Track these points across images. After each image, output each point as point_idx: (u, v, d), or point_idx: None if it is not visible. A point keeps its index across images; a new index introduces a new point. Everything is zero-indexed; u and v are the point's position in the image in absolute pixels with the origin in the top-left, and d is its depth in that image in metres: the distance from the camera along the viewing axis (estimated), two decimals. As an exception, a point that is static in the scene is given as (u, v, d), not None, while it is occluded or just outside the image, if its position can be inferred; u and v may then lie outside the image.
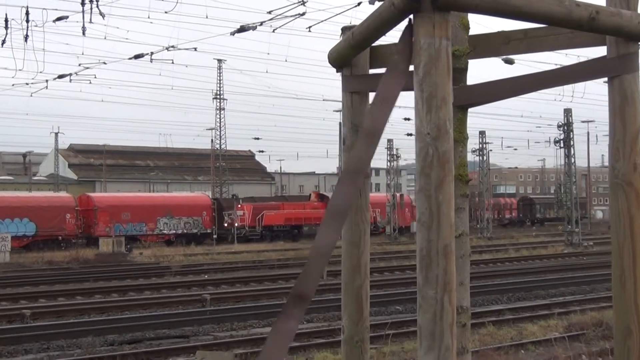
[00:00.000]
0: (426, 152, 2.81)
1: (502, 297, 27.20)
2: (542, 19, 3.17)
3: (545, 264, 40.80)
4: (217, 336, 20.50)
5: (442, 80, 2.82)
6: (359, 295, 3.98)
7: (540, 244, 55.68)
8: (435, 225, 2.76)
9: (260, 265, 42.49)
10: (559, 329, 20.04)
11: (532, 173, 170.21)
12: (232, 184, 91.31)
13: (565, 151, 57.17)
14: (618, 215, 3.56)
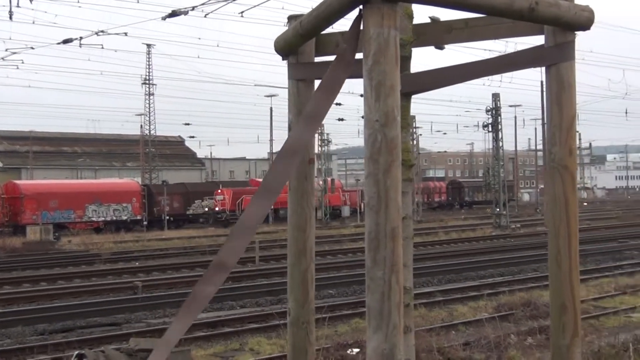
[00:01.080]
0: (375, 138, 2.89)
1: (433, 280, 27.55)
2: (484, 10, 3.28)
3: (474, 246, 41.47)
4: (150, 323, 20.39)
5: (391, 69, 2.91)
6: (305, 278, 4.07)
7: (469, 227, 56.48)
8: (384, 209, 2.86)
9: (191, 251, 42.27)
10: (488, 309, 20.43)
11: (461, 157, 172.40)
12: (161, 170, 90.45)
13: (493, 135, 58.00)
14: (554, 198, 3.70)
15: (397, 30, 2.94)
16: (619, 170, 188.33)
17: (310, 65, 4.14)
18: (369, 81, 2.91)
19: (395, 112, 2.92)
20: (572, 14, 3.58)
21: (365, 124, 2.93)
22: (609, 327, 17.64)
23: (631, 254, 34.41)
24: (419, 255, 36.27)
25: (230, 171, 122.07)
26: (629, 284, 24.24)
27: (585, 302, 21.41)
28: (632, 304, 20.82)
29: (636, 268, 28.98)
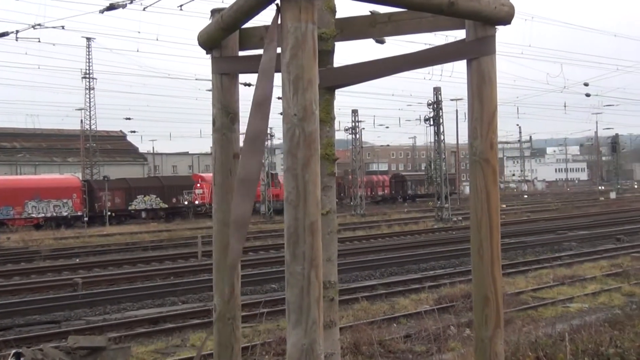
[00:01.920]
0: (293, 132, 2.88)
1: (376, 273, 27.69)
2: (404, 4, 3.29)
3: (416, 239, 41.72)
4: (89, 320, 20.15)
5: (309, 63, 2.90)
6: (231, 274, 4.04)
7: (412, 220, 56.87)
8: (302, 203, 2.85)
9: (133, 247, 41.89)
10: (429, 301, 20.60)
11: (404, 150, 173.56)
12: (103, 165, 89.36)
13: (434, 129, 58.46)
14: (476, 191, 3.73)
15: (315, 24, 2.93)
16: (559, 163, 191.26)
17: (234, 59, 4.11)
18: (287, 75, 2.90)
19: (313, 107, 2.91)
20: (492, 9, 3.61)
21: (284, 119, 2.92)
22: (547, 318, 17.92)
23: (570, 245, 34.98)
24: (362, 248, 36.48)
25: (173, 166, 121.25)
26: (567, 275, 24.65)
27: (524, 293, 21.74)
28: (569, 294, 21.18)
29: (574, 259, 29.50)
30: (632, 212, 59.60)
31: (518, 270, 26.96)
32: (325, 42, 3.85)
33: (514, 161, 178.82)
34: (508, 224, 49.41)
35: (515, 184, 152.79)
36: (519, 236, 39.81)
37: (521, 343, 12.77)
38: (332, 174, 3.97)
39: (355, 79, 4.13)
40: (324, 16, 3.89)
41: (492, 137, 3.72)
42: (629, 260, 27.66)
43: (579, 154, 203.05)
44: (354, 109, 74.97)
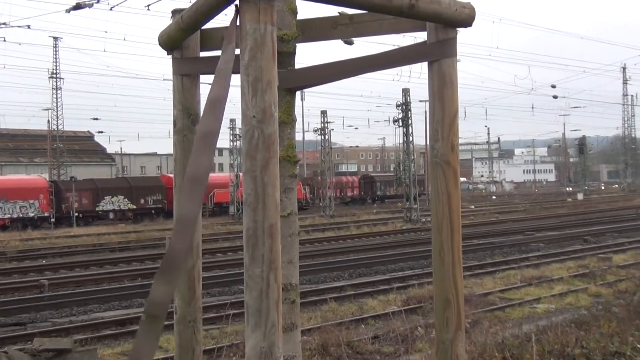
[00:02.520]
0: (252, 134, 2.87)
1: (344, 274, 27.70)
2: (364, 6, 3.28)
3: (385, 240, 41.78)
4: (55, 322, 19.98)
5: (268, 64, 2.88)
6: (192, 275, 4.01)
7: (381, 221, 56.95)
8: (261, 206, 2.84)
9: (100, 248, 41.59)
10: (398, 302, 20.64)
11: (373, 151, 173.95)
12: (70, 165, 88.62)
13: (403, 130, 58.58)
14: (437, 193, 3.73)
15: (275, 25, 2.92)
16: (527, 164, 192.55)
17: (194, 60, 4.08)
18: (246, 77, 2.88)
19: (272, 108, 2.89)
20: (453, 11, 3.61)
21: (242, 120, 2.90)
22: (514, 318, 18.02)
23: (537, 246, 35.22)
24: (331, 249, 36.46)
25: (142, 167, 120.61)
26: (534, 276, 24.81)
27: (492, 294, 21.86)
28: (536, 295, 21.31)
29: (542, 260, 29.69)
30: (599, 213, 60.17)
31: (486, 271, 27.10)
32: (286, 44, 3.84)
33: (482, 162, 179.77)
34: (477, 225, 49.65)
35: (483, 185, 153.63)
36: (487, 237, 40.02)
37: (488, 344, 12.84)
38: (293, 175, 3.96)
39: (316, 81, 4.12)
40: (285, 17, 3.88)
41: (453, 139, 3.73)
42: (596, 261, 27.90)
43: (546, 155, 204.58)
44: (323, 110, 75.10)
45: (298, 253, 3.94)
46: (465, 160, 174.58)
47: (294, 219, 3.90)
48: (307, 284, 25.44)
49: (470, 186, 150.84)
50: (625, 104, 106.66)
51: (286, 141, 3.86)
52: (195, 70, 4.07)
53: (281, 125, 3.80)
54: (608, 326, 13.22)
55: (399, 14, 3.45)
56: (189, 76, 4.08)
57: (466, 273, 26.11)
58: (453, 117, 3.72)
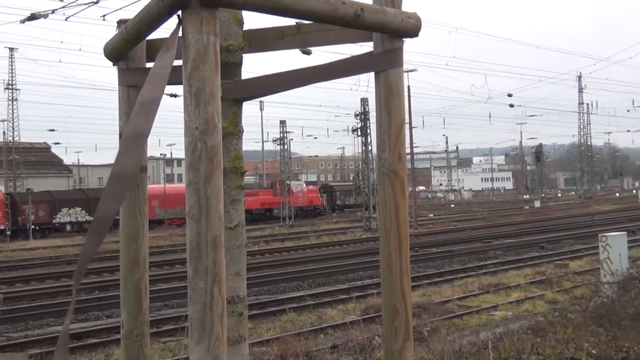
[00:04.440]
0: (195, 146, 2.84)
1: (304, 284, 27.66)
2: (309, 16, 3.27)
3: (345, 249, 41.79)
4: (10, 337, 19.67)
5: (210, 75, 2.86)
6: (138, 289, 3.96)
7: (341, 230, 57.00)
8: (205, 218, 2.80)
9: (57, 261, 41.08)
10: (357, 312, 20.64)
11: (332, 161, 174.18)
12: (26, 177, 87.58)
13: (362, 139, 58.80)
14: (385, 203, 3.72)
15: (218, 36, 2.89)
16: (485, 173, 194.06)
17: (140, 71, 4.03)
18: (188, 88, 2.85)
19: (215, 119, 2.87)
20: (399, 21, 3.61)
21: (185, 132, 2.87)
22: (471, 326, 18.08)
23: (495, 254, 35.45)
24: (291, 259, 36.40)
25: (99, 178, 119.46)
26: (492, 283, 24.95)
27: (450, 301, 21.94)
28: (494, 302, 21.43)
29: (499, 267, 29.89)
30: (556, 220, 60.76)
31: (445, 279, 27.22)
32: (232, 54, 3.82)
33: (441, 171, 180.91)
34: (435, 233, 49.90)
35: (442, 193, 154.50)
36: (446, 245, 40.23)
37: (446, 352, 12.87)
38: (240, 187, 3.92)
39: (263, 91, 4.10)
40: (231, 28, 3.85)
41: (401, 149, 3.73)
42: (552, 268, 28.14)
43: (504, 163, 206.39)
44: (282, 119, 75.13)
45: (246, 265, 3.90)
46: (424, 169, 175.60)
47: (241, 230, 3.87)
48: (266, 294, 25.37)
49: (429, 195, 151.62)
50: (580, 112, 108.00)
51: (233, 152, 3.83)
52: (141, 81, 4.00)
53: (228, 136, 3.77)
54: (564, 332, 13.32)
55: (345, 25, 3.45)
56: (135, 87, 4.02)
57: (425, 281, 26.24)
58: (400, 127, 3.72)
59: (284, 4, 3.05)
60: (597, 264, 21.39)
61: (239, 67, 3.91)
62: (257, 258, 37.79)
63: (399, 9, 3.69)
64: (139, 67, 4.05)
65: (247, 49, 3.95)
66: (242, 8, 3.13)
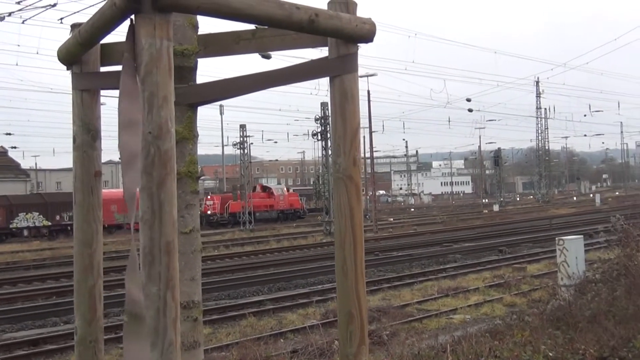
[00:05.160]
0: (148, 151, 2.82)
1: (264, 288, 27.62)
2: (263, 21, 3.27)
3: (305, 253, 41.79)
4: (-34, 343, 19.39)
5: (164, 80, 2.84)
6: (92, 295, 3.93)
7: (301, 235, 56.97)
8: (158, 223, 2.79)
9: (14, 266, 40.57)
10: (317, 316, 20.66)
11: (293, 165, 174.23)
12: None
13: (322, 143, 58.90)
14: (340, 208, 3.73)
15: (171, 40, 2.88)
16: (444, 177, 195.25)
17: (94, 75, 4.00)
18: (142, 92, 2.83)
19: (169, 124, 2.86)
20: (353, 27, 3.63)
21: (138, 137, 2.85)
22: (430, 329, 18.17)
23: (454, 257, 35.67)
24: (251, 264, 36.32)
25: (57, 182, 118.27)
26: (451, 287, 25.12)
27: (410, 305, 22.03)
28: (453, 305, 21.56)
29: (459, 271, 30.09)
30: (514, 224, 61.31)
31: (404, 282, 27.33)
32: (187, 59, 3.81)
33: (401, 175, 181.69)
34: (395, 237, 50.10)
35: (402, 197, 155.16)
36: (405, 249, 40.42)
37: (405, 355, 12.94)
38: (195, 192, 3.91)
39: (218, 96, 4.09)
40: (186, 32, 3.84)
41: (355, 154, 3.74)
42: (511, 271, 28.38)
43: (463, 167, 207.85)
44: (242, 124, 74.95)
45: (201, 270, 3.89)
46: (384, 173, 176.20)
47: (196, 235, 3.85)
48: (226, 299, 25.30)
49: (389, 199, 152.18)
50: (538, 117, 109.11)
51: (188, 157, 3.81)
52: (95, 85, 4.00)
53: (182, 141, 3.76)
54: (521, 335, 13.44)
55: (300, 30, 3.45)
56: (89, 91, 3.99)
57: (385, 285, 26.33)
58: (355, 132, 3.73)
59: (237, 8, 3.05)
60: (555, 267, 21.57)
61: (194, 71, 3.90)
62: (217, 263, 37.67)
63: (354, 15, 3.71)
64: (93, 71, 4.01)
65: (202, 53, 3.94)
66: (196, 13, 3.12)
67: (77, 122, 4.00)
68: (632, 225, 18.31)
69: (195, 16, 3.87)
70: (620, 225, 18.88)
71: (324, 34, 3.61)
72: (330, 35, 3.68)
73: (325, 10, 3.59)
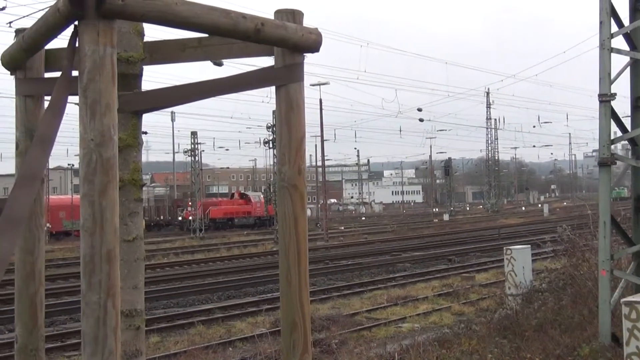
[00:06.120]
0: (90, 158, 2.80)
1: (213, 296, 27.47)
2: (210, 30, 3.27)
3: (255, 262, 41.64)
4: None
5: (107, 87, 2.83)
6: (34, 303, 3.88)
7: (252, 243, 56.79)
8: (99, 231, 2.77)
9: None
10: (266, 324, 20.61)
11: (244, 173, 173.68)
12: None
13: (274, 151, 58.81)
14: (284, 217, 3.74)
15: (115, 47, 2.87)
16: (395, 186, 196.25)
17: (38, 81, 3.97)
18: (84, 99, 2.82)
19: (111, 132, 2.84)
20: (299, 36, 3.65)
21: (80, 144, 2.83)
22: (379, 338, 18.24)
23: (404, 266, 35.85)
24: (200, 272, 36.11)
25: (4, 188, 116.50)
26: (400, 295, 25.23)
27: (359, 314, 22.09)
28: (402, 314, 21.67)
29: (408, 280, 30.25)
30: (464, 233, 61.81)
31: (354, 291, 27.39)
32: (132, 66, 3.79)
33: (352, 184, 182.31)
34: (346, 246, 50.20)
35: (353, 206, 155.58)
36: (355, 258, 40.51)
37: (353, 364, 12.97)
38: (139, 199, 3.89)
39: (163, 103, 4.07)
40: (131, 39, 3.83)
41: (300, 163, 3.75)
42: (459, 280, 28.62)
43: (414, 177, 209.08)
44: (194, 131, 74.64)
45: (144, 278, 3.87)
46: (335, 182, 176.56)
47: (139, 243, 3.83)
48: (175, 307, 25.13)
49: (340, 207, 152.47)
50: (488, 127, 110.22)
51: (132, 164, 3.79)
52: (39, 91, 3.96)
53: (127, 148, 3.74)
54: (469, 344, 13.56)
55: (246, 39, 3.46)
56: (33, 97, 3.96)
57: (334, 294, 26.36)
58: (300, 141, 3.74)
59: (183, 17, 3.05)
60: (503, 276, 21.83)
61: (139, 78, 3.88)
62: (166, 270, 37.41)
63: (300, 25, 3.73)
64: (38, 76, 3.98)
65: (148, 60, 3.93)
66: (141, 20, 3.12)
67: (20, 127, 3.96)
68: (578, 235, 18.59)
69: (140, 24, 3.85)
70: (566, 235, 19.18)
71: (270, 43, 3.63)
72: (276, 45, 3.70)
73: (271, 19, 3.60)
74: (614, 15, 12.51)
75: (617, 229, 13.26)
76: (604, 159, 12.21)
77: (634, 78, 13.38)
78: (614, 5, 12.42)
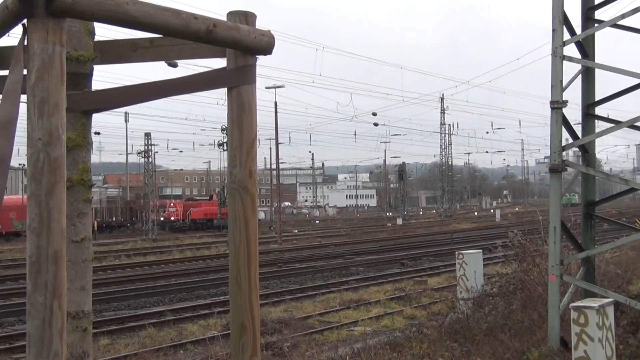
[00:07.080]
0: (37, 157, 2.78)
1: (165, 299, 27.35)
2: (160, 30, 3.25)
3: (208, 264, 41.47)
4: None
5: (55, 86, 2.80)
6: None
7: (205, 245, 56.60)
8: (46, 231, 2.75)
9: None
10: (218, 327, 20.55)
11: (198, 175, 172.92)
12: None
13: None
14: (235, 219, 3.73)
15: (64, 46, 2.84)
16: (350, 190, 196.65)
17: (-13, 79, 3.92)
18: (32, 98, 2.79)
19: (60, 131, 2.81)
20: (252, 39, 3.65)
21: (28, 143, 2.80)
22: (331, 341, 18.27)
23: (357, 270, 35.94)
24: (152, 274, 35.91)
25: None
26: (353, 299, 25.29)
27: (311, 317, 22.11)
28: (354, 317, 21.73)
29: (361, 283, 30.34)
30: (417, 237, 62.20)
31: (307, 294, 27.41)
32: (82, 65, 3.75)
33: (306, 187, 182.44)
34: (299, 249, 50.21)
35: (307, 209, 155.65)
36: (309, 261, 40.56)
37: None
38: (88, 200, 3.85)
39: (114, 104, 4.04)
40: (81, 38, 3.79)
41: (252, 166, 3.75)
42: (412, 284, 28.76)
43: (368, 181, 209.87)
44: (147, 132, 74.15)
45: (92, 279, 3.83)
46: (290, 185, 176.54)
47: (87, 244, 3.79)
48: (126, 309, 24.94)
49: (294, 210, 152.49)
50: (442, 132, 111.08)
51: (81, 164, 3.76)
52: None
53: (76, 148, 3.71)
54: (420, 347, 13.64)
55: (198, 40, 3.45)
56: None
57: (287, 297, 26.36)
58: (251, 144, 3.74)
59: (134, 17, 3.03)
60: (455, 280, 21.97)
61: (90, 78, 3.85)
62: (117, 272, 37.15)
63: (253, 27, 3.72)
64: (-13, 74, 3.93)
65: (98, 60, 3.89)
66: (91, 19, 3.09)
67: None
68: (529, 240, 18.78)
69: (91, 22, 3.82)
70: (517, 240, 19.36)
71: (222, 44, 3.62)
72: (228, 47, 3.69)
73: (224, 21, 3.60)
74: (566, 23, 12.70)
75: (567, 235, 13.45)
76: (555, 165, 12.37)
77: (585, 85, 13.60)
78: (566, 14, 12.61)
